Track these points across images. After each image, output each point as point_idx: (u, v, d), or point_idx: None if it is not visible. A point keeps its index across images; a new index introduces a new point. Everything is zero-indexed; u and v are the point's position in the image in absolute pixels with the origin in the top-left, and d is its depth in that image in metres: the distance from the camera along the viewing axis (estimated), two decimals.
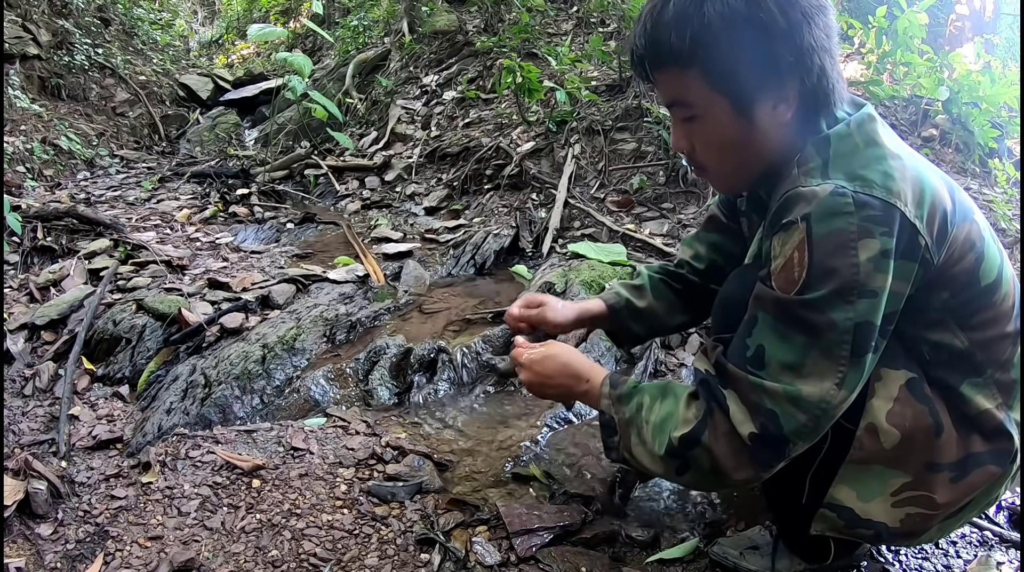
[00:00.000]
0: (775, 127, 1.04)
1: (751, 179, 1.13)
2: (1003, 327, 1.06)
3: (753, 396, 0.97)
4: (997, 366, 1.06)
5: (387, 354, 2.11)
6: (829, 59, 1.01)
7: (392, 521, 1.48)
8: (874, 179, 0.95)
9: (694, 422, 1.02)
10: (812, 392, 0.95)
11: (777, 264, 0.97)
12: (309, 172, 4.54)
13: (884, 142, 1.01)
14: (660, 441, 1.06)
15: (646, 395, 1.12)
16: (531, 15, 4.69)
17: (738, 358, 1.01)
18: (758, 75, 0.99)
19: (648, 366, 2.12)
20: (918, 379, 1.03)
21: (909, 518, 1.05)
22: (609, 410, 1.17)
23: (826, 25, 1.00)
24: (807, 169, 0.99)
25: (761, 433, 0.96)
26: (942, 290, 1.02)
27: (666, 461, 1.05)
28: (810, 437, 0.97)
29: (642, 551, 1.41)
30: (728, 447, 0.99)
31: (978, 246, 1.03)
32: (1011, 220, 2.70)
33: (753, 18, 0.96)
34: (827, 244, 0.92)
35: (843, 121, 1.03)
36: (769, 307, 0.98)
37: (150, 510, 1.51)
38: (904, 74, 3.52)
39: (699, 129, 1.07)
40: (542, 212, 3.27)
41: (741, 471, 1.00)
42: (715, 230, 1.45)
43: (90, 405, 1.99)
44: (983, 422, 1.04)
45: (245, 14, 9.02)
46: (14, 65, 4.98)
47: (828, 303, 0.93)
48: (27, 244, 3.03)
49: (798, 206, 0.95)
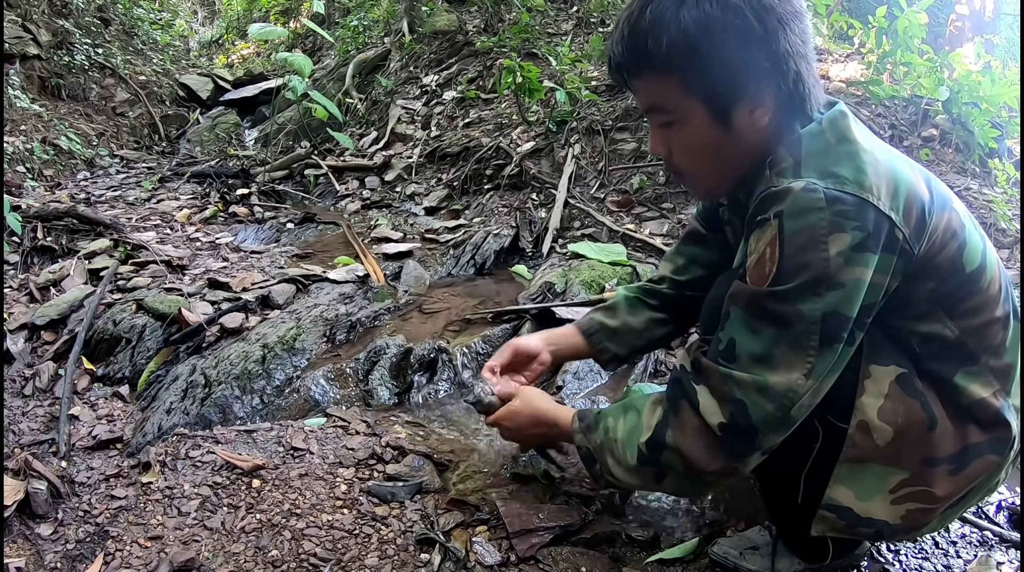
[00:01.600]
0: (752, 132, 1.05)
1: (728, 184, 1.14)
2: (992, 312, 1.06)
3: (723, 387, 1.00)
4: (990, 352, 1.06)
5: (387, 354, 2.12)
6: (805, 64, 1.02)
7: (392, 521, 1.48)
8: (846, 175, 0.96)
9: (655, 424, 1.06)
10: (779, 381, 0.97)
11: (752, 260, 1.00)
12: (309, 172, 4.54)
13: (856, 138, 1.01)
14: (631, 452, 1.10)
15: (609, 417, 1.18)
16: (531, 15, 4.69)
17: (712, 352, 1.04)
18: (735, 81, 1.01)
19: (648, 366, 2.12)
20: (908, 374, 1.03)
21: (909, 514, 1.05)
22: (583, 442, 1.22)
23: (802, 31, 1.02)
24: (779, 169, 1.00)
25: (730, 423, 0.99)
26: (927, 280, 1.02)
27: (641, 471, 1.10)
28: (780, 427, 0.99)
29: (642, 551, 1.41)
30: (697, 441, 1.02)
31: (959, 234, 1.04)
32: (1011, 220, 2.70)
33: (729, 24, 0.98)
34: (798, 240, 0.94)
35: (816, 120, 1.04)
36: (741, 302, 1.01)
37: (150, 510, 1.51)
38: (904, 74, 3.52)
39: (676, 134, 1.09)
40: (542, 212, 3.27)
41: (713, 463, 1.02)
42: (694, 243, 1.47)
43: (90, 405, 1.99)
44: (979, 411, 1.04)
45: (245, 14, 9.02)
46: (14, 65, 4.99)
47: (797, 295, 0.95)
48: (27, 244, 3.03)
49: (772, 205, 0.97)
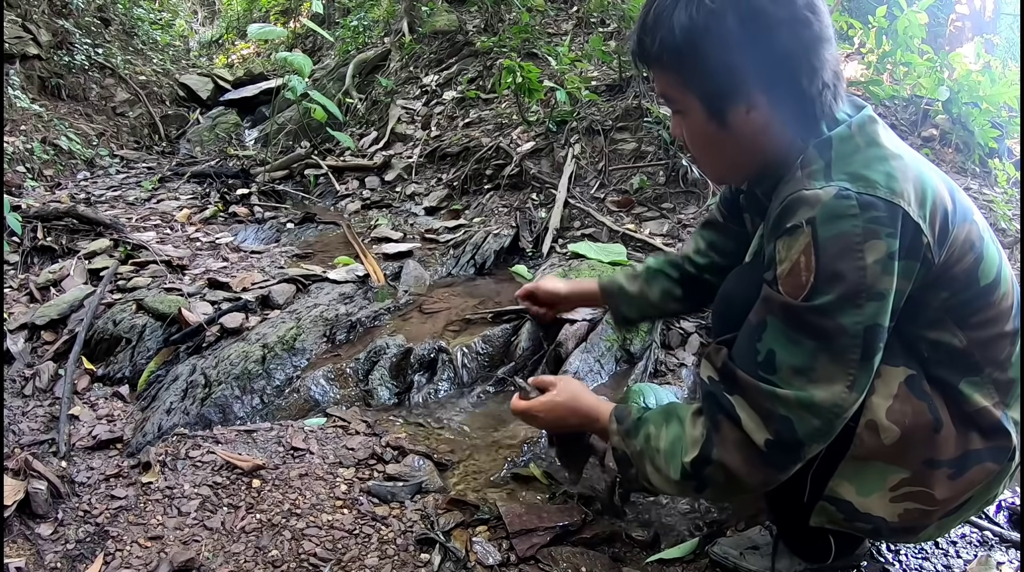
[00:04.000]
0: (751, 131, 1.06)
1: (740, 175, 1.19)
2: (1002, 326, 1.06)
3: (766, 403, 0.98)
4: (995, 365, 1.06)
5: (387, 354, 2.11)
6: (818, 62, 1.02)
7: (392, 521, 1.48)
8: (877, 179, 0.95)
9: (701, 442, 1.04)
10: (825, 397, 0.96)
11: (783, 268, 0.98)
12: (309, 172, 4.54)
13: (885, 143, 1.02)
14: (674, 467, 1.08)
15: (651, 425, 1.15)
16: (531, 15, 4.69)
17: (747, 363, 1.01)
18: (726, 81, 1.03)
19: (648, 366, 2.12)
20: (917, 376, 1.04)
21: (907, 513, 1.05)
22: (620, 446, 1.20)
23: (814, 32, 1.01)
24: (810, 171, 1.00)
25: (776, 439, 0.98)
26: (942, 290, 1.02)
27: (683, 484, 1.08)
28: (824, 439, 0.99)
29: (642, 551, 1.41)
30: (741, 456, 1.01)
31: (977, 246, 1.04)
32: (1011, 220, 2.70)
33: (719, 27, 0.99)
34: (833, 247, 0.93)
35: (844, 123, 1.04)
36: (778, 312, 0.99)
37: (150, 510, 1.51)
38: (904, 74, 3.52)
39: (684, 123, 1.13)
40: (542, 212, 3.27)
41: (757, 476, 1.01)
42: (712, 230, 1.51)
43: (90, 405, 1.99)
44: (981, 419, 1.05)
45: (245, 14, 9.02)
46: (14, 65, 4.98)
47: (837, 308, 0.94)
48: (27, 244, 3.03)
49: (802, 210, 0.96)
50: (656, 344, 2.18)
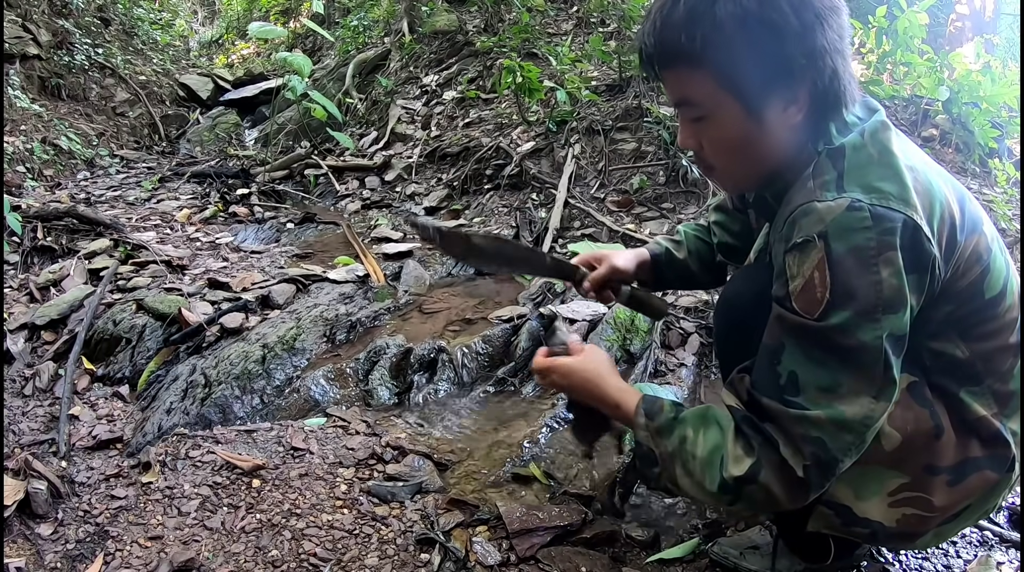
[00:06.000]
0: (784, 129, 1.02)
1: (757, 180, 1.11)
2: (1006, 338, 1.06)
3: (798, 428, 0.96)
4: (996, 377, 1.05)
5: (387, 354, 2.11)
6: (841, 61, 0.99)
7: (392, 521, 1.48)
8: (890, 191, 0.93)
9: (748, 461, 1.00)
10: (855, 412, 0.94)
11: (796, 285, 0.95)
12: (309, 172, 4.54)
13: (897, 151, 0.99)
14: (711, 477, 1.03)
15: (688, 427, 1.08)
16: (531, 15, 4.69)
17: (771, 389, 0.99)
18: (769, 76, 0.97)
19: (648, 366, 2.12)
20: (919, 383, 1.04)
21: (905, 519, 1.05)
22: (648, 442, 1.13)
23: (839, 26, 0.98)
24: (822, 181, 0.97)
25: (813, 462, 0.96)
26: (945, 304, 1.01)
27: (719, 496, 1.03)
28: (858, 451, 0.97)
29: (642, 551, 1.41)
30: (782, 480, 0.98)
31: (984, 259, 1.03)
32: (1011, 220, 2.70)
33: (766, 19, 0.94)
34: (848, 262, 0.91)
35: (854, 126, 1.02)
36: (795, 332, 0.96)
37: (150, 510, 1.51)
38: (904, 74, 3.52)
39: (707, 129, 1.05)
40: (542, 212, 3.27)
41: (797, 499, 0.99)
42: (723, 211, 1.47)
43: (90, 405, 1.99)
44: (981, 428, 1.05)
45: (245, 14, 9.02)
46: (14, 65, 4.99)
47: (855, 325, 0.92)
48: (27, 244, 3.03)
49: (813, 223, 0.93)
50: (656, 344, 2.18)
